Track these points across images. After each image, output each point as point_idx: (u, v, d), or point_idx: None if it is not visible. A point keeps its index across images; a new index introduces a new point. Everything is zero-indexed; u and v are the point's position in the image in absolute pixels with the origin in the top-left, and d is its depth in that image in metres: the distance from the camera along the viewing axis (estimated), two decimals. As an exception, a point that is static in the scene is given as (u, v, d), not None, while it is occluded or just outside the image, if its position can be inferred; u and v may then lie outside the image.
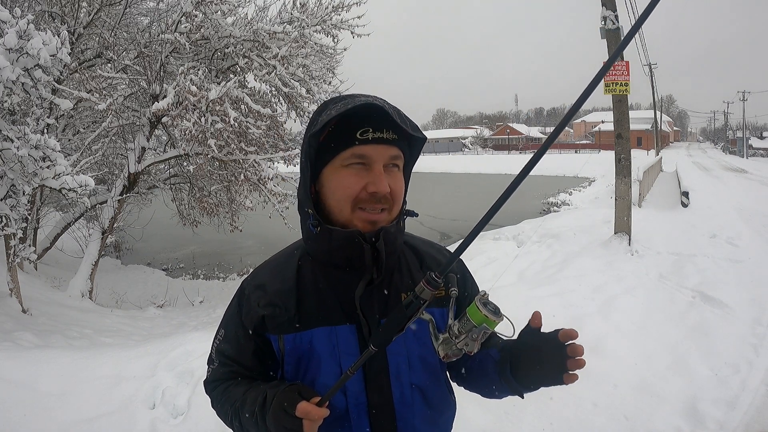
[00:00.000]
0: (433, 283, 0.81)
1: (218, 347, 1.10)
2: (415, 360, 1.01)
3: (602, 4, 7.56)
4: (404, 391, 0.99)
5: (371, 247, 0.97)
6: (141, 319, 7.06)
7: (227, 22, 7.63)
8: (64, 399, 3.00)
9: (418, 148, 1.06)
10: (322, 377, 0.98)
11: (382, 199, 0.97)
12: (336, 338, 0.98)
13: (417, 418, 1.00)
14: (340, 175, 0.97)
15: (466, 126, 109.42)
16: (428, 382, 1.02)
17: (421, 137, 1.01)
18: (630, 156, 7.95)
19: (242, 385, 1.03)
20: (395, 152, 0.99)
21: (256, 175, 8.05)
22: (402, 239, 1.06)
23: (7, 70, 4.48)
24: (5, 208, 5.14)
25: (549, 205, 20.10)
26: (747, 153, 46.65)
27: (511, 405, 3.04)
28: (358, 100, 0.94)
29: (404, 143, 1.02)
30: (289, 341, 0.99)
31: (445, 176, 42.64)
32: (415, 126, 0.98)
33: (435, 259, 1.11)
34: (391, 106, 0.95)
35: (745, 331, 4.25)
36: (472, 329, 0.80)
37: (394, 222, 1.01)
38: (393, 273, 1.04)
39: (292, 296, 1.01)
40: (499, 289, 5.56)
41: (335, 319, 0.99)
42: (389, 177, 0.98)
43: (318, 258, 1.03)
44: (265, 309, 1.01)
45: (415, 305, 0.82)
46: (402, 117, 0.95)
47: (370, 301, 0.99)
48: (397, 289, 1.02)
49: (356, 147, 0.96)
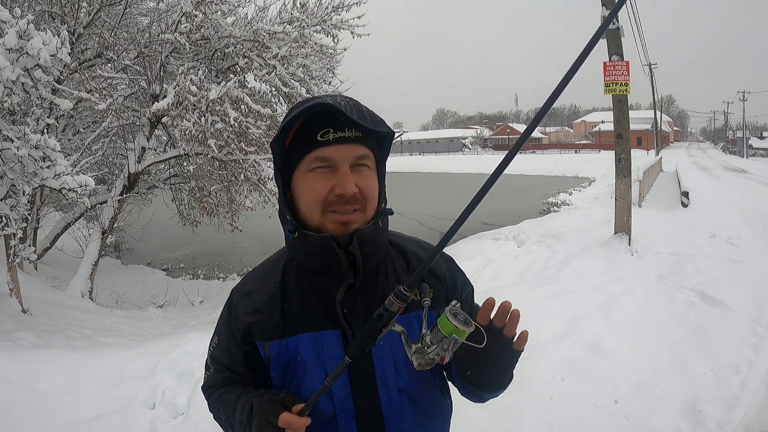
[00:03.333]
0: (402, 296, 0.81)
1: (212, 354, 1.12)
2: (402, 364, 0.99)
3: (602, 4, 7.57)
4: (392, 395, 0.99)
5: (345, 252, 0.95)
6: (141, 319, 7.06)
7: (227, 22, 7.63)
8: (64, 399, 3.00)
9: (388, 144, 1.03)
10: (308, 383, 0.98)
11: (351, 200, 0.94)
12: (321, 344, 0.97)
13: (406, 422, 1.00)
14: (307, 179, 0.96)
15: (466, 126, 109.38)
16: (417, 386, 1.01)
17: (387, 131, 0.97)
18: (630, 156, 7.94)
19: (235, 392, 1.04)
20: (361, 151, 0.96)
21: (256, 175, 8.06)
22: (383, 239, 1.03)
23: (7, 70, 4.48)
24: (5, 208, 5.14)
25: (549, 205, 20.11)
26: (747, 153, 46.66)
27: (511, 405, 3.05)
28: (313, 102, 0.92)
29: (371, 140, 0.98)
30: (274, 348, 0.99)
31: (445, 176, 42.67)
32: (379, 121, 0.95)
33: (420, 260, 1.08)
34: (349, 104, 0.92)
35: (745, 331, 4.25)
36: (443, 339, 0.81)
37: (371, 223, 0.98)
38: (378, 275, 1.02)
39: (277, 303, 1.01)
40: (499, 289, 5.56)
41: (320, 324, 0.98)
42: (357, 177, 0.95)
43: (300, 263, 1.02)
44: (250, 317, 1.01)
45: (386, 318, 0.83)
46: (361, 113, 0.91)
47: (354, 305, 0.98)
48: (382, 292, 0.99)
49: (318, 150, 0.94)
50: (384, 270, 1.04)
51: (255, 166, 7.89)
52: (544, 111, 0.77)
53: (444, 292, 1.06)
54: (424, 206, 20.58)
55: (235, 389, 1.05)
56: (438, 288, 1.05)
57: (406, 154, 74.19)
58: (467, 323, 0.81)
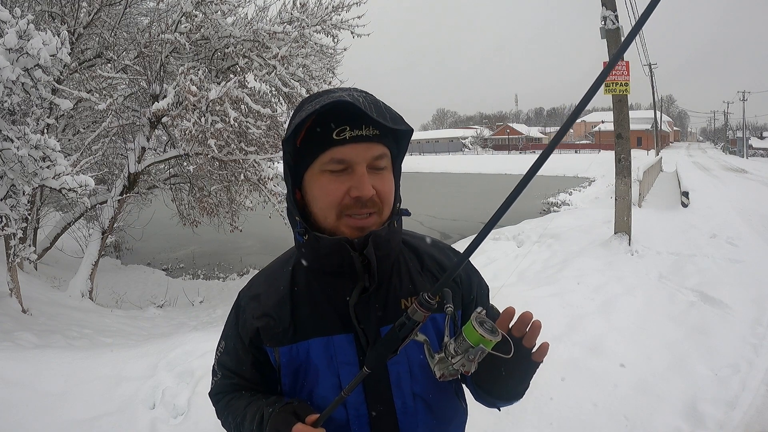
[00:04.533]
0: (426, 305, 0.77)
1: (219, 359, 1.08)
2: (417, 368, 0.96)
3: (602, 4, 7.56)
4: (406, 400, 0.95)
5: (360, 255, 0.91)
6: (141, 319, 7.06)
7: (227, 22, 7.63)
8: (64, 399, 3.00)
9: (406, 141, 0.98)
10: (320, 389, 0.94)
11: (368, 203, 0.89)
12: (333, 349, 0.94)
13: (421, 427, 0.96)
14: (321, 181, 0.91)
15: (466, 126, 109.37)
16: (432, 391, 0.97)
17: (406, 129, 0.92)
18: (630, 156, 7.95)
19: (244, 399, 1.01)
20: (378, 150, 0.91)
21: (256, 175, 8.06)
22: (398, 240, 0.99)
23: (7, 70, 4.48)
24: (5, 208, 5.13)
25: (549, 205, 20.09)
26: (747, 153, 46.67)
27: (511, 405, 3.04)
28: (329, 98, 0.86)
29: (389, 138, 0.93)
30: (285, 353, 0.96)
31: (445, 176, 42.66)
32: (398, 118, 0.89)
33: (436, 261, 1.04)
34: (367, 100, 0.87)
35: (745, 331, 4.25)
36: (468, 349, 0.76)
37: (386, 224, 0.93)
38: (391, 277, 0.98)
39: (286, 306, 0.97)
40: (499, 290, 5.56)
41: (331, 328, 0.94)
42: (374, 178, 0.90)
43: (310, 265, 0.98)
44: (259, 321, 0.98)
45: (408, 327, 0.79)
46: (380, 110, 0.86)
47: (367, 309, 0.94)
48: (395, 295, 0.96)
49: (334, 149, 0.88)
50: (398, 271, 1.00)
51: (255, 166, 7.89)
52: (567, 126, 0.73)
53: (459, 293, 1.04)
54: (424, 206, 20.55)
55: (244, 396, 1.02)
56: (453, 289, 1.01)
57: (406, 154, 74.03)
58: (494, 332, 0.76)
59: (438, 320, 0.97)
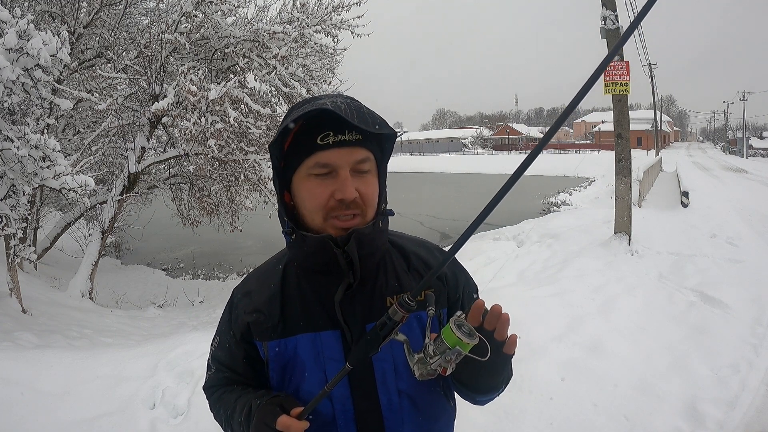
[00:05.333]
0: (406, 306, 0.80)
1: (213, 354, 1.12)
2: (402, 366, 0.97)
3: (602, 4, 7.57)
4: (391, 397, 0.98)
5: (343, 252, 0.95)
6: (141, 319, 7.06)
7: (227, 22, 7.63)
8: (64, 399, 3.00)
9: (390, 145, 1.01)
10: (307, 384, 0.97)
11: (351, 205, 0.93)
12: (320, 344, 0.97)
13: (406, 425, 0.98)
14: (307, 184, 0.95)
15: (466, 126, 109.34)
16: (418, 388, 0.99)
17: (389, 133, 0.94)
18: (630, 156, 7.95)
19: (235, 392, 1.04)
20: (361, 155, 0.94)
21: (256, 175, 8.06)
22: (383, 239, 1.02)
23: (7, 70, 4.48)
24: (5, 208, 5.14)
25: (549, 205, 20.11)
26: (747, 153, 46.70)
27: (511, 405, 3.05)
28: (313, 105, 0.90)
29: (372, 142, 0.97)
30: (273, 348, 0.99)
31: (445, 176, 42.67)
32: (381, 122, 0.92)
33: (423, 260, 1.07)
34: (350, 106, 0.90)
35: (745, 331, 4.25)
36: (446, 351, 0.80)
37: (370, 223, 0.97)
38: (377, 276, 1.01)
39: (276, 303, 1.00)
40: (499, 289, 5.56)
41: (319, 324, 0.97)
42: (357, 181, 0.94)
43: (299, 264, 1.02)
44: (250, 316, 1.01)
45: (389, 327, 0.82)
46: (362, 116, 0.89)
47: (353, 306, 0.97)
48: (381, 293, 0.99)
49: (319, 154, 0.92)
50: (384, 270, 1.03)
51: (255, 166, 7.90)
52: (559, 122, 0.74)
53: (445, 291, 1.05)
54: (424, 206, 20.58)
55: (236, 390, 1.05)
56: (439, 288, 1.03)
57: (406, 154, 74.14)
58: (471, 335, 0.79)
59: (423, 318, 0.99)
